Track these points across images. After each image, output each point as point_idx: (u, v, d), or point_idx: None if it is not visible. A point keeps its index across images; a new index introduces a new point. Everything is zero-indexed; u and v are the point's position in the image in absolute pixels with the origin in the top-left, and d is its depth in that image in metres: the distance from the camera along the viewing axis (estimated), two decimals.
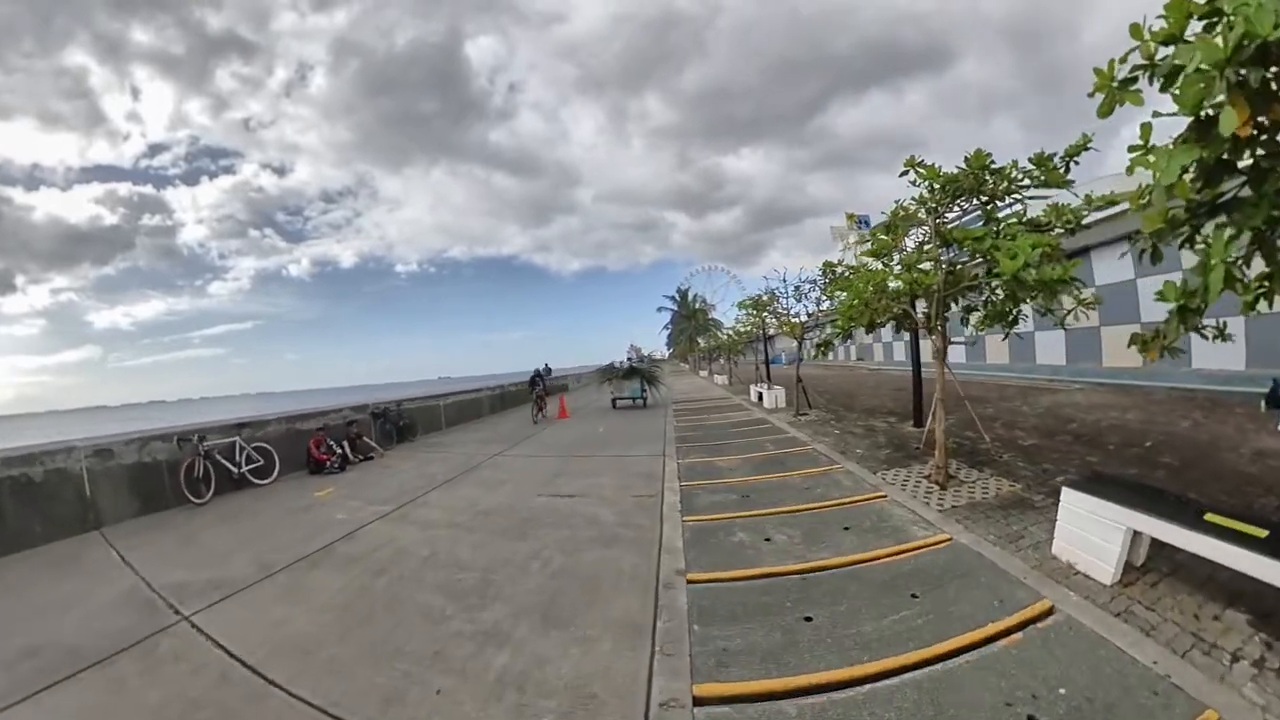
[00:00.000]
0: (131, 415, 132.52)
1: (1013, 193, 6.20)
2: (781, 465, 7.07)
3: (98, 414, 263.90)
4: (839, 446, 8.10)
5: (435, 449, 10.96)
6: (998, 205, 6.37)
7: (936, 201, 6.58)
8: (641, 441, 9.65)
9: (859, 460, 7.23)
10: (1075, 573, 3.76)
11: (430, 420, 13.49)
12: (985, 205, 6.39)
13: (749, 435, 9.42)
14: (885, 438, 8.63)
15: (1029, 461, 7.13)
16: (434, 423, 13.58)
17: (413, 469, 9.09)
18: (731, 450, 8.19)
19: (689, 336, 45.96)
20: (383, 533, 5.66)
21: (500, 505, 6.27)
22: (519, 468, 8.32)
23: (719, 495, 5.86)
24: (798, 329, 10.95)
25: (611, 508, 5.70)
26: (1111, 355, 16.66)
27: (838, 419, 10.67)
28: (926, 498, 5.69)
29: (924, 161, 6.68)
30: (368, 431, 11.39)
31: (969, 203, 6.63)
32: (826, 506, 5.36)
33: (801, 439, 8.76)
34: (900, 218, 7.11)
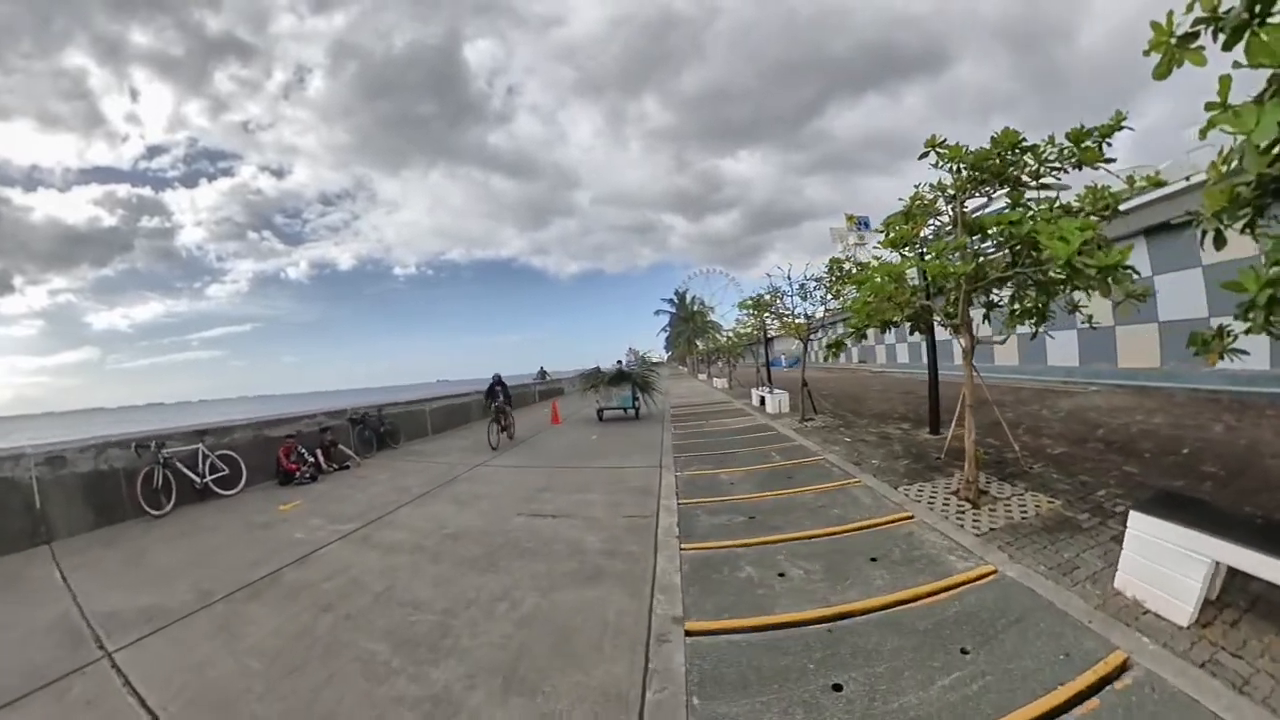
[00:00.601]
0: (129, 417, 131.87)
1: (1045, 175, 5.55)
2: (791, 479, 6.34)
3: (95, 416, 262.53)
4: (852, 457, 7.38)
5: (416, 458, 10.23)
6: (1022, 191, 5.72)
7: (960, 186, 5.91)
8: (637, 451, 8.93)
9: (876, 473, 6.51)
10: (1144, 611, 3.18)
11: (415, 426, 12.76)
12: (1012, 190, 5.73)
13: (753, 444, 8.71)
14: (901, 447, 7.91)
15: (1063, 473, 6.44)
16: (419, 429, 12.84)
17: (387, 481, 8.37)
18: (735, 461, 7.46)
19: (687, 339, 45.30)
20: (339, 558, 4.96)
21: (473, 526, 5.54)
22: (501, 480, 7.58)
23: (722, 516, 5.12)
24: (803, 330, 10.22)
25: (599, 531, 4.96)
26: (1127, 356, 15.99)
27: (847, 425, 9.95)
28: (959, 519, 4.98)
29: (945, 141, 6.00)
30: (345, 439, 10.66)
31: (993, 189, 5.97)
32: (847, 531, 4.64)
33: (810, 448, 8.04)
34: (918, 206, 6.43)
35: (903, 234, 6.03)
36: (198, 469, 7.81)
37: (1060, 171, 5.46)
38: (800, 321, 10.30)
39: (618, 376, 14.70)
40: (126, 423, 30.07)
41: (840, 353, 7.12)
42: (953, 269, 5.02)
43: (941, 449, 7.59)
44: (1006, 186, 5.79)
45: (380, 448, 11.33)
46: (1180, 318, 13.80)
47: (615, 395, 14.25)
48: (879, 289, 5.31)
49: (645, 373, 15.27)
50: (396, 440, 11.75)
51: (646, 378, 14.95)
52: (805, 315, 10.99)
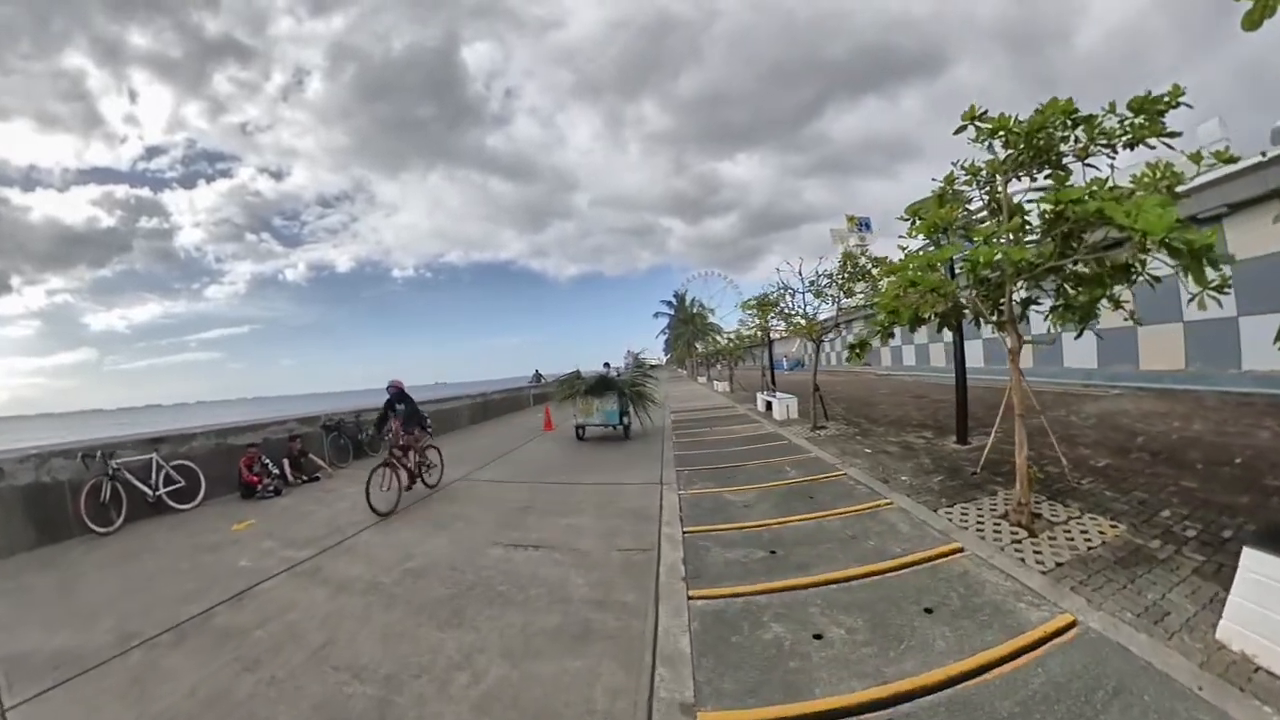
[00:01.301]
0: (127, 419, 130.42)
1: (1093, 154, 4.80)
2: (812, 500, 5.51)
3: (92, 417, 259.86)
4: (877, 471, 6.55)
5: None
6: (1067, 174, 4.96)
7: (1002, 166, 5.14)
8: (634, 463, 8.10)
9: (909, 492, 5.69)
10: (1256, 669, 2.61)
11: None
12: (1054, 173, 4.98)
13: (763, 455, 7.87)
14: (930, 459, 7.09)
15: (1115, 489, 5.68)
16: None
17: (356, 496, 7.50)
18: (745, 477, 6.62)
19: (687, 341, 44.45)
20: (280, 596, 4.19)
21: (441, 559, 4.71)
22: (481, 498, 6.73)
23: (736, 550, 4.26)
24: (815, 330, 9.39)
25: (588, 570, 4.11)
26: (1150, 357, 15.22)
27: (863, 434, 9.14)
28: (1017, 550, 4.19)
29: (986, 112, 5.23)
30: (316, 447, 9.82)
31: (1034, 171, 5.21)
32: (889, 569, 3.81)
33: (828, 461, 7.21)
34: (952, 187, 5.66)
35: (940, 217, 5.23)
36: (151, 481, 7.09)
37: (1110, 150, 4.71)
38: (814, 322, 9.48)
39: (600, 384, 11.34)
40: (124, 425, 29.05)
41: (865, 354, 6.31)
42: (1016, 255, 4.21)
43: (976, 462, 6.79)
44: (1047, 169, 5.04)
45: (357, 456, 10.48)
46: (1206, 317, 13.07)
47: (597, 408, 11.12)
48: (924, 280, 4.49)
49: (638, 379, 11.95)
50: (375, 448, 10.88)
51: (639, 386, 11.60)
52: (815, 314, 10.18)
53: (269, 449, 8.95)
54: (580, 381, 11.71)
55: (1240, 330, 12.52)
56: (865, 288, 9.71)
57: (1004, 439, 7.98)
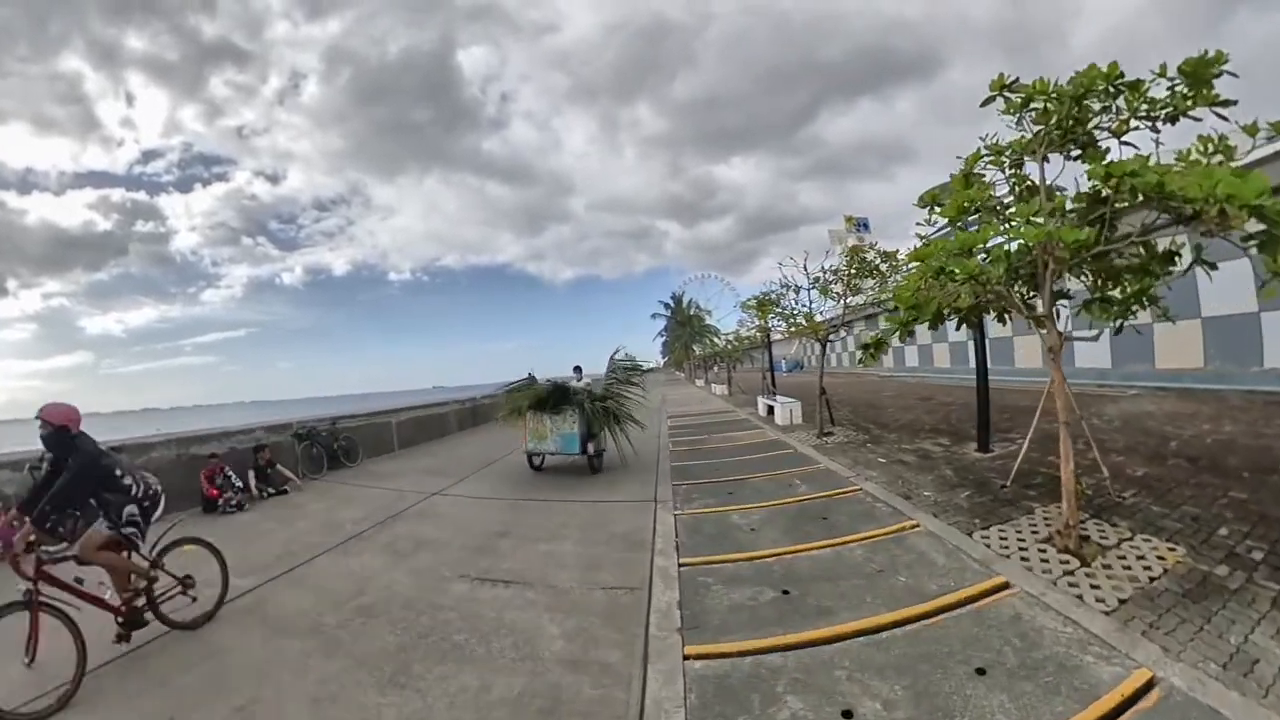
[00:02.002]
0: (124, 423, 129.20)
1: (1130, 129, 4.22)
2: (827, 522, 4.84)
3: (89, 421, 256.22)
4: (896, 486, 5.90)
5: (369, 480, 8.70)
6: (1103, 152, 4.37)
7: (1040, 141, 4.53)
8: (627, 477, 7.41)
9: (936, 510, 5.05)
10: None
11: (378, 441, 11.21)
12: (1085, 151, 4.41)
13: (768, 466, 7.21)
14: (952, 471, 6.45)
15: (1163, 504, 5.09)
16: (383, 444, 11.29)
17: (323, 513, 6.87)
18: (749, 493, 5.95)
19: (684, 343, 43.82)
20: (213, 637, 3.57)
21: (398, 594, 4.05)
22: (453, 519, 6.04)
23: (742, 589, 3.59)
24: (821, 329, 8.72)
25: (564, 615, 3.42)
26: (1166, 356, 14.63)
27: (874, 441, 8.50)
28: (1072, 584, 3.57)
29: (1017, 80, 4.64)
30: (287, 457, 9.16)
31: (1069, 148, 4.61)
32: (927, 614, 3.16)
33: (840, 473, 6.56)
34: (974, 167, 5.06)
35: (969, 198, 4.60)
36: None
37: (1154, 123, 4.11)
38: (817, 320, 8.81)
39: (554, 395, 8.04)
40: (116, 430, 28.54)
41: (880, 354, 5.66)
42: (1069, 236, 3.58)
43: (1003, 473, 6.17)
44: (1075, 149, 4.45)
45: (333, 466, 9.80)
46: (1225, 313, 12.50)
47: (551, 430, 7.90)
48: (963, 267, 3.85)
49: (612, 390, 8.51)
50: (352, 458, 10.22)
51: (611, 401, 8.27)
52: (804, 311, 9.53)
53: (234, 460, 8.31)
54: (532, 390, 8.37)
55: (1263, 326, 11.94)
56: (873, 284, 9.09)
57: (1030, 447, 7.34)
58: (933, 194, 5.77)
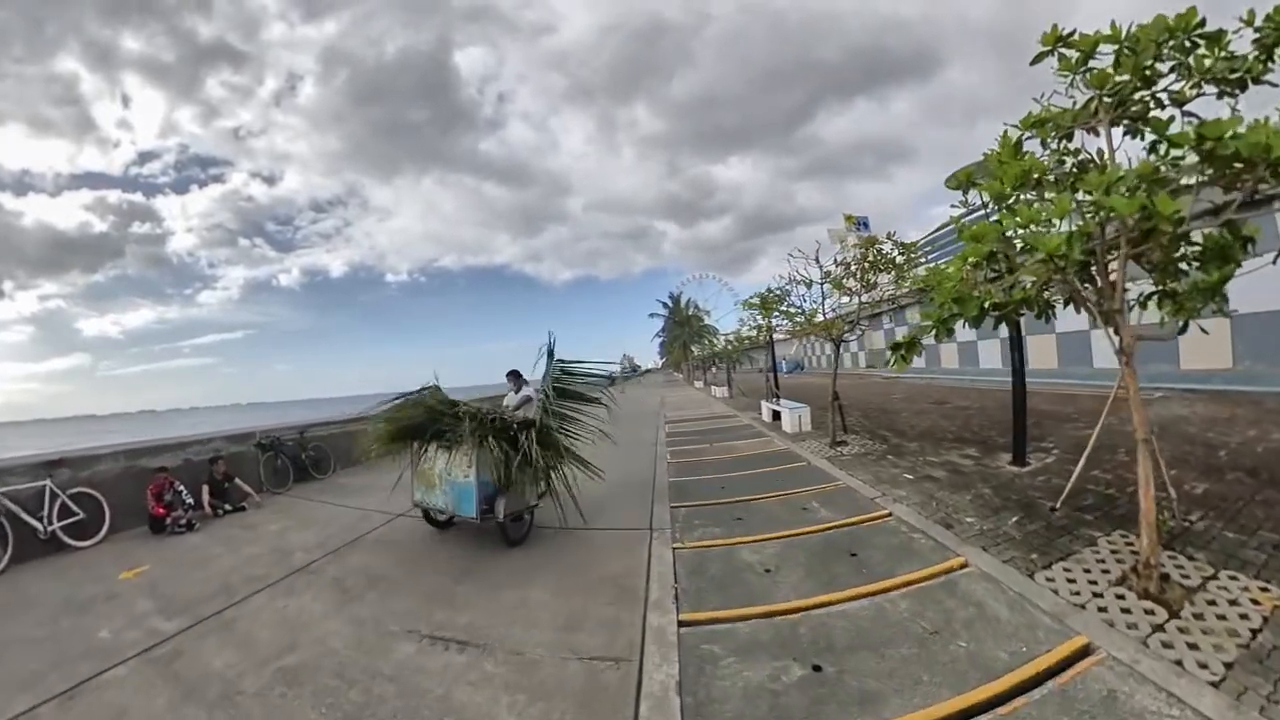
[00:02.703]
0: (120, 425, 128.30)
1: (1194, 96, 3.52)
2: (858, 560, 4.01)
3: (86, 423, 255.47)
4: (931, 509, 5.11)
5: (335, 496, 7.91)
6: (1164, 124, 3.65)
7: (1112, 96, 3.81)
8: (618, 498, 6.66)
9: (984, 542, 4.27)
10: None
11: (354, 449, 10.36)
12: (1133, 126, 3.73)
13: (779, 484, 6.37)
14: (990, 489, 5.67)
15: (1236, 528, 4.43)
16: (359, 452, 10.45)
17: (275, 536, 6.11)
18: (761, 518, 5.12)
19: (682, 344, 43.03)
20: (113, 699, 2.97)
21: (331, 650, 3.28)
22: (415, 548, 5.24)
23: (761, 663, 2.76)
24: (838, 328, 7.89)
25: (527, 699, 2.56)
26: (1191, 355, 13.91)
27: (894, 452, 7.71)
28: (1165, 643, 2.85)
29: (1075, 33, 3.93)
30: (250, 469, 8.39)
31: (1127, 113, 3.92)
32: (1000, 697, 2.38)
33: (863, 492, 5.75)
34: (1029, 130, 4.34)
35: (1031, 168, 3.84)
36: (43, 513, 5.83)
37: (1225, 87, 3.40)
38: (835, 318, 7.99)
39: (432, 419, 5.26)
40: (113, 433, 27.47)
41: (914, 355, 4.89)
42: (1167, 207, 2.83)
43: (1049, 491, 5.43)
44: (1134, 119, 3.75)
45: (301, 479, 9.01)
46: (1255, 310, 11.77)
47: (441, 475, 5.18)
48: (1043, 244, 3.07)
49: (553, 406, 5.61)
50: (323, 469, 9.43)
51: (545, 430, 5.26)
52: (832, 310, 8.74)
53: (190, 473, 7.55)
54: (413, 409, 5.45)
55: None
56: (889, 279, 8.33)
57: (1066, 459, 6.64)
58: (966, 173, 5.02)
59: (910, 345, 4.66)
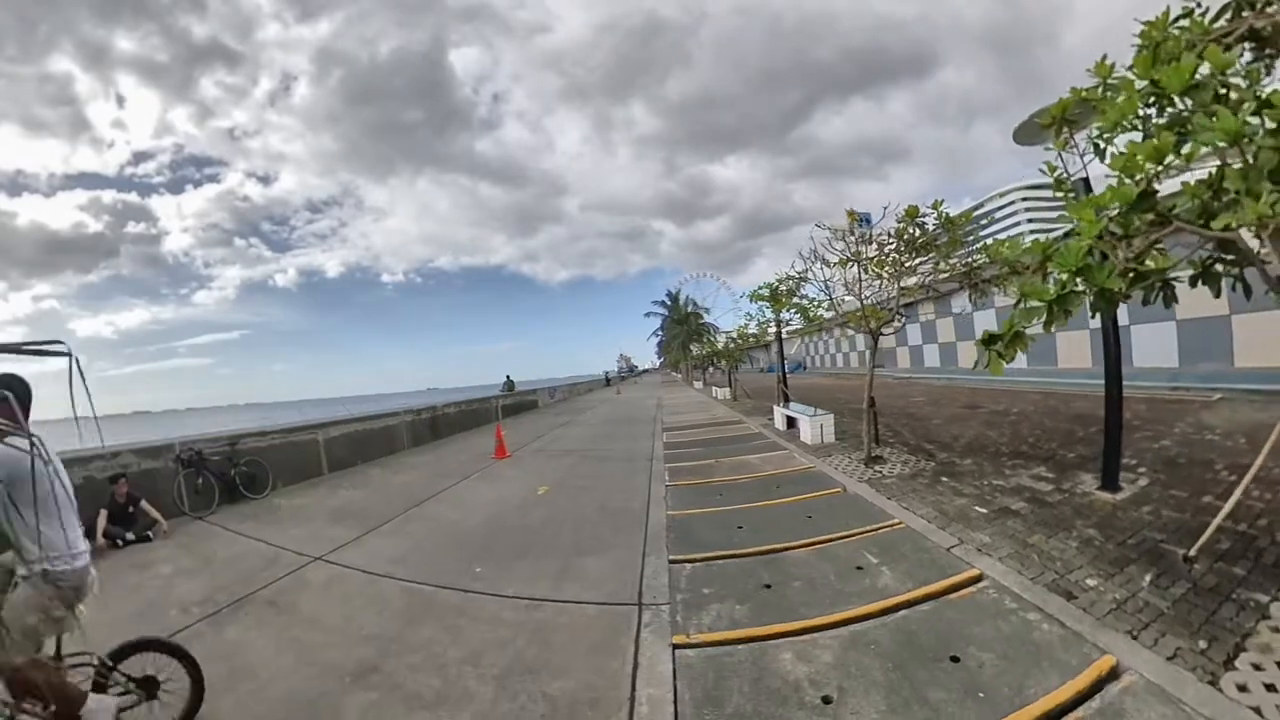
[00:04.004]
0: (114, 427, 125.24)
1: None
2: (963, 668, 2.50)
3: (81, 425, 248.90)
4: (1034, 567, 3.64)
5: (257, 525, 6.40)
6: None
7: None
8: (596, 543, 5.09)
9: (1125, 621, 2.82)
10: None
11: (302, 463, 8.90)
12: None
13: (817, 525, 4.77)
14: (1095, 530, 4.21)
15: None
16: (308, 467, 8.98)
17: (158, 584, 4.70)
18: (800, 588, 3.57)
19: (681, 343, 41.44)
20: None
21: None
22: (313, 616, 3.76)
23: None
24: (880, 317, 6.26)
25: None
26: (1249, 352, 12.45)
27: (947, 472, 6.25)
28: None
29: None
30: (164, 489, 6.96)
31: None
32: None
33: (933, 538, 4.23)
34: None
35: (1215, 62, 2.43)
36: None
37: None
38: (875, 307, 6.41)
39: None
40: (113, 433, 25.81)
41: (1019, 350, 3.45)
42: None
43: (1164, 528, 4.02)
44: None
45: (229, 500, 7.55)
46: None
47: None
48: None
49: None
50: (258, 488, 7.95)
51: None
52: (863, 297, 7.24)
53: (87, 494, 6.11)
54: None
55: None
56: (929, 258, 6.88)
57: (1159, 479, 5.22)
58: (1064, 104, 3.65)
59: (1014, 338, 3.20)
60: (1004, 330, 3.12)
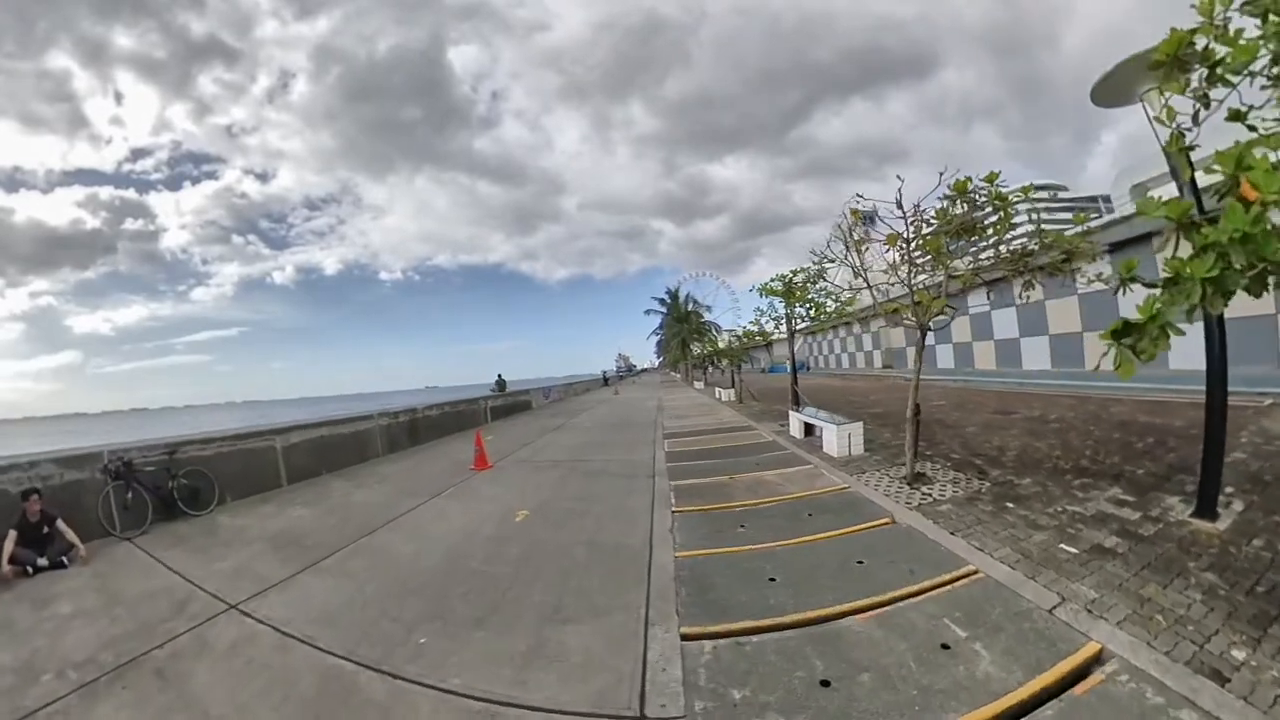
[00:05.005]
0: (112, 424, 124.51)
1: None
2: None
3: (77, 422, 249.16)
4: (1163, 633, 2.69)
5: (189, 551, 5.38)
6: None
7: None
8: (592, 572, 4.13)
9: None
10: None
11: (257, 473, 7.83)
12: None
13: (871, 574, 3.72)
14: (1214, 574, 3.24)
15: None
16: (264, 477, 7.90)
17: (52, 628, 3.76)
18: (875, 682, 2.53)
19: (681, 341, 40.35)
20: None
21: None
22: (248, 673, 2.83)
23: None
24: (936, 305, 5.00)
25: None
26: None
27: (1009, 494, 5.22)
28: None
29: None
30: (89, 505, 5.98)
31: None
32: None
33: (1025, 593, 3.18)
34: None
35: None
36: None
37: None
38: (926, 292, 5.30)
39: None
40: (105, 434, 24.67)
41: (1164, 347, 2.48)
42: None
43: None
44: None
45: (164, 518, 6.54)
46: None
47: None
48: None
49: None
50: (201, 502, 6.91)
51: None
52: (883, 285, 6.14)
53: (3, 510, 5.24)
54: None
55: None
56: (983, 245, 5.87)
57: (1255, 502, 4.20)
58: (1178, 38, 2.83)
59: (1160, 330, 2.23)
60: (1143, 316, 2.16)
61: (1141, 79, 5.32)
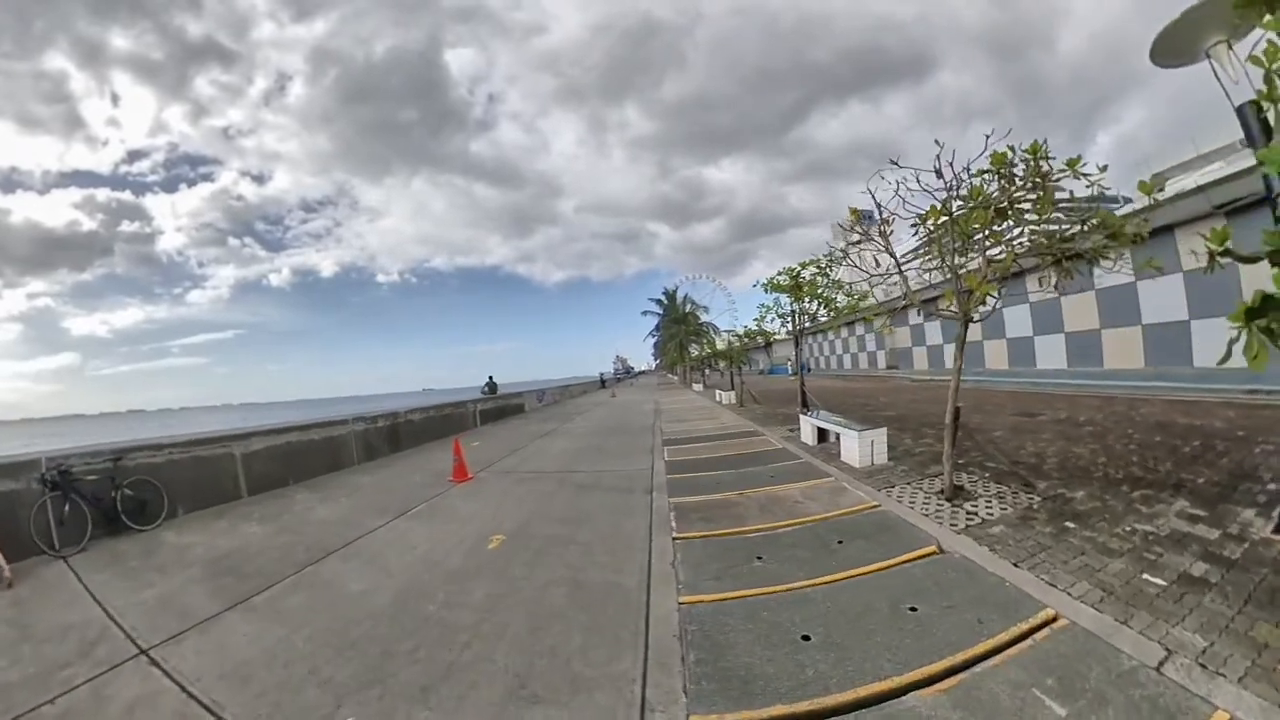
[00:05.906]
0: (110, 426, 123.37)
1: None
2: None
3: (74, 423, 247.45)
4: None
5: (124, 574, 4.70)
6: None
7: None
8: (573, 625, 3.29)
9: None
10: None
11: (213, 483, 7.11)
12: None
13: (920, 621, 2.94)
14: None
15: None
16: (221, 487, 7.17)
17: None
18: None
19: (679, 343, 39.70)
20: None
21: None
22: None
23: None
24: (986, 289, 4.16)
25: None
26: None
27: (1066, 512, 4.51)
28: None
29: None
30: (22, 517, 5.32)
31: None
32: None
33: (1117, 645, 2.45)
34: None
35: None
36: None
37: None
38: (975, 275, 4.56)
39: None
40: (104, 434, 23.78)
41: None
42: None
43: None
44: None
45: (109, 532, 5.86)
46: None
47: None
48: None
49: None
50: (149, 515, 6.22)
51: None
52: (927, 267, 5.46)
53: None
54: None
55: None
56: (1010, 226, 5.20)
57: None
58: None
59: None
60: None
61: (1210, 30, 4.68)
